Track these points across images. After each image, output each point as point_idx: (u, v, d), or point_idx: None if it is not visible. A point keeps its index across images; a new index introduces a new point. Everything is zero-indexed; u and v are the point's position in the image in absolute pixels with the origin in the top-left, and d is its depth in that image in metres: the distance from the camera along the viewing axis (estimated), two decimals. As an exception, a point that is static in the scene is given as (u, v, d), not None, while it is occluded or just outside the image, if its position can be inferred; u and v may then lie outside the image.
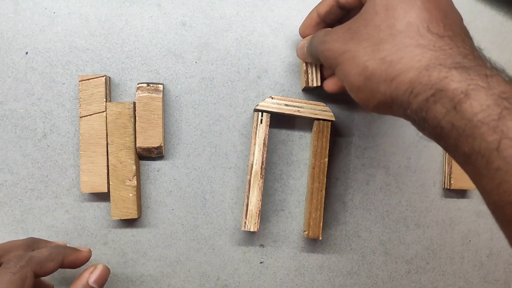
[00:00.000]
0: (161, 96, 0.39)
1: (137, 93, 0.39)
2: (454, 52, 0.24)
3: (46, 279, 0.38)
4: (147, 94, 0.39)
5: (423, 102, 0.23)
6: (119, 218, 0.39)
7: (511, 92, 0.21)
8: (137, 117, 0.39)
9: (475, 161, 0.21)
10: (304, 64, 0.39)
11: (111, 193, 0.39)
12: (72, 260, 0.34)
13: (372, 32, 0.26)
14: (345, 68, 0.28)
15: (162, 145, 0.39)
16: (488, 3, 0.45)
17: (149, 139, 0.39)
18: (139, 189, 0.40)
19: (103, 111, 0.39)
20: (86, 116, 0.39)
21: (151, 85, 0.39)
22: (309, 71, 0.39)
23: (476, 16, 0.44)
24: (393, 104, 0.25)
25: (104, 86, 0.39)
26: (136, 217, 0.39)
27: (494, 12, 0.45)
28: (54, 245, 0.35)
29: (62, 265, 0.33)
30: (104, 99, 0.39)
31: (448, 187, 0.43)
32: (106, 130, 0.39)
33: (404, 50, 0.24)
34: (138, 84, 0.39)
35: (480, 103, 0.21)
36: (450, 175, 0.42)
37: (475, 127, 0.21)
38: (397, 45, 0.25)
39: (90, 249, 0.36)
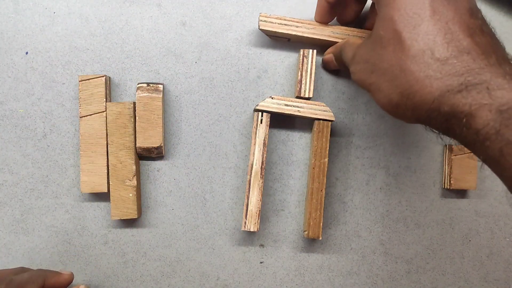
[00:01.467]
0: (161, 96, 0.39)
1: (137, 93, 0.39)
2: (459, 72, 0.25)
3: None
4: (147, 94, 0.39)
5: (442, 124, 0.27)
6: (119, 218, 0.39)
7: (509, 103, 0.24)
8: (137, 117, 0.39)
9: (490, 165, 0.26)
10: (299, 73, 0.39)
11: (111, 193, 0.39)
12: (52, 283, 0.35)
13: (386, 67, 0.28)
14: (374, 96, 0.30)
15: (162, 145, 0.39)
16: (488, 3, 0.45)
17: (149, 139, 0.39)
18: (139, 189, 0.40)
19: (103, 111, 0.39)
20: (86, 116, 0.39)
21: (151, 85, 0.39)
22: (303, 81, 0.39)
23: (476, 16, 0.44)
24: (420, 122, 0.29)
25: (104, 86, 0.39)
26: (136, 217, 0.39)
27: (494, 12, 0.45)
28: (35, 270, 0.35)
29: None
30: (104, 99, 0.39)
31: (448, 187, 0.43)
32: (106, 130, 0.39)
33: (416, 84, 0.27)
34: (138, 84, 0.39)
35: (482, 120, 0.24)
36: (450, 175, 0.42)
37: (483, 141, 0.24)
38: (409, 81, 0.27)
39: (72, 273, 0.37)
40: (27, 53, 0.40)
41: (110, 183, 0.39)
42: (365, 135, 0.43)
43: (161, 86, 0.39)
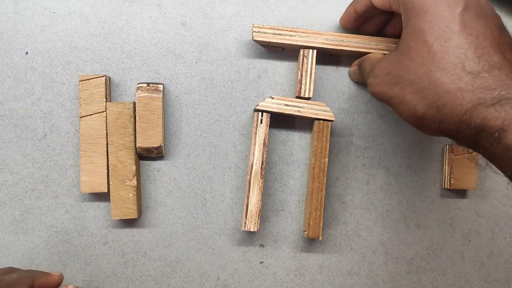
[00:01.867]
0: (161, 96, 0.39)
1: (137, 93, 0.39)
2: (492, 86, 0.25)
3: None
4: (147, 94, 0.39)
5: (471, 137, 0.26)
6: (119, 218, 0.39)
7: None
8: (137, 117, 0.39)
9: None
10: (299, 73, 0.39)
11: (111, 193, 0.39)
12: (41, 284, 0.34)
13: (413, 79, 0.28)
14: (396, 109, 0.30)
15: (162, 145, 0.39)
16: (488, 3, 0.44)
17: (149, 139, 0.39)
18: (139, 189, 0.40)
19: (103, 111, 0.39)
20: (86, 116, 0.39)
21: (151, 85, 0.39)
22: (303, 82, 0.39)
23: (476, 16, 0.44)
24: (445, 135, 0.28)
25: (104, 86, 0.39)
26: (136, 217, 0.39)
27: (494, 12, 0.45)
28: (24, 270, 0.35)
29: None
30: (104, 99, 0.39)
31: (448, 187, 0.43)
32: (106, 130, 0.39)
33: (446, 96, 0.26)
34: (138, 84, 0.39)
35: None
36: (450, 175, 0.42)
37: None
38: (438, 92, 0.27)
39: (61, 274, 0.37)
40: (27, 53, 0.40)
41: (110, 183, 0.39)
42: (365, 135, 0.43)
43: (161, 86, 0.39)
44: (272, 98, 0.39)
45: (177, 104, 0.41)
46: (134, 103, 0.39)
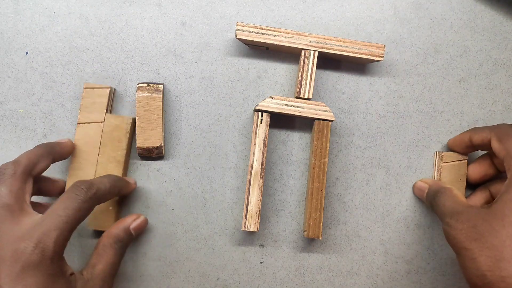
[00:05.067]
0: (161, 96, 0.39)
1: (137, 93, 0.39)
2: None
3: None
4: (147, 94, 0.39)
5: None
6: (95, 229, 0.39)
7: None
8: (137, 117, 0.39)
9: None
10: (299, 74, 0.39)
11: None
12: (123, 193, 0.37)
13: (496, 244, 0.27)
14: (463, 262, 0.29)
15: (162, 145, 0.39)
16: (488, 3, 0.45)
17: (149, 139, 0.39)
18: (118, 204, 0.40)
19: (101, 122, 0.39)
20: (84, 123, 0.39)
21: (151, 85, 0.39)
22: (303, 82, 0.39)
23: (476, 16, 0.44)
24: None
25: (107, 97, 0.39)
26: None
27: (494, 12, 0.45)
28: (110, 176, 0.36)
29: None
30: (105, 110, 0.39)
31: None
32: (101, 140, 0.39)
33: None
34: (138, 84, 0.39)
35: None
36: None
37: None
38: None
39: (135, 181, 0.40)
40: (27, 53, 0.40)
41: None
42: (365, 135, 0.43)
43: (161, 86, 0.39)
44: (272, 98, 0.39)
45: (177, 104, 0.41)
46: (134, 119, 0.39)
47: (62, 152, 0.36)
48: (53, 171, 0.40)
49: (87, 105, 0.39)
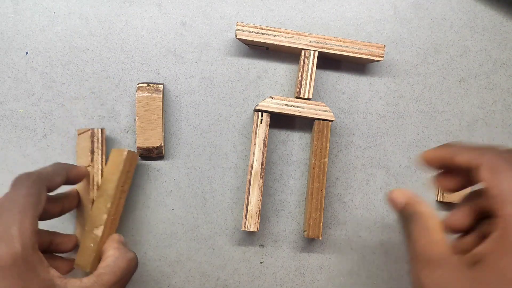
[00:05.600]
0: (161, 96, 0.39)
1: (137, 93, 0.39)
2: None
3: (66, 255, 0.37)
4: (147, 94, 0.39)
5: None
6: (75, 267, 0.35)
7: None
8: (137, 117, 0.39)
9: None
10: (299, 74, 0.39)
11: (81, 238, 0.36)
12: (74, 174, 0.35)
13: None
14: None
15: (162, 145, 0.39)
16: (488, 3, 0.45)
17: (149, 139, 0.39)
18: (103, 242, 0.35)
19: (89, 165, 0.38)
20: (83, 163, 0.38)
21: (151, 85, 0.39)
22: (303, 82, 0.39)
23: (476, 16, 0.44)
24: None
25: (89, 140, 0.38)
26: (88, 271, 0.34)
27: (494, 12, 0.45)
28: (53, 163, 0.34)
29: (67, 180, 0.33)
30: (89, 153, 0.38)
31: (441, 200, 0.43)
32: (93, 182, 0.37)
33: None
34: (138, 84, 0.39)
35: None
36: None
37: None
38: None
39: (86, 168, 0.37)
40: (27, 53, 0.40)
41: (85, 227, 0.36)
42: (365, 135, 0.43)
43: (161, 86, 0.39)
44: (272, 98, 0.39)
45: (177, 104, 0.41)
46: (133, 153, 0.37)
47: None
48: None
49: (79, 150, 0.39)
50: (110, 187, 0.36)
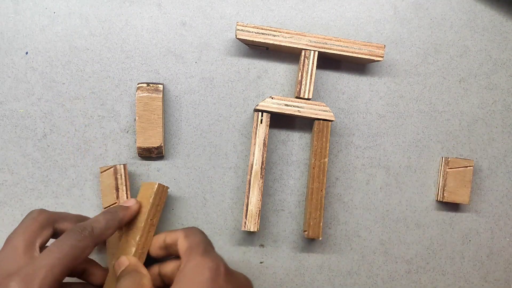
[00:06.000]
0: (161, 96, 0.39)
1: (137, 93, 0.39)
2: None
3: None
4: (147, 94, 0.39)
5: None
6: None
7: None
8: (137, 117, 0.39)
9: None
10: (299, 74, 0.39)
11: (110, 269, 0.36)
12: (126, 221, 0.35)
13: None
14: None
15: (162, 145, 0.39)
16: (488, 3, 0.45)
17: (149, 139, 0.39)
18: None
19: (114, 203, 0.38)
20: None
21: (151, 85, 0.39)
22: (303, 82, 0.39)
23: (476, 16, 0.44)
24: None
25: (113, 177, 0.38)
26: None
27: (494, 12, 0.45)
28: (106, 212, 0.34)
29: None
30: (114, 190, 0.38)
31: (441, 200, 0.43)
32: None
33: None
34: (138, 84, 0.39)
35: None
36: (444, 188, 0.42)
37: None
38: None
39: (137, 201, 0.36)
40: (27, 53, 0.40)
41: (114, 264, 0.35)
42: (365, 135, 0.43)
43: (161, 86, 0.39)
44: (272, 98, 0.39)
45: (177, 104, 0.41)
46: (163, 186, 0.37)
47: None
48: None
49: (104, 189, 0.39)
50: (139, 220, 0.36)
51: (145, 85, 0.39)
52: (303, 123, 0.42)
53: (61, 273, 0.28)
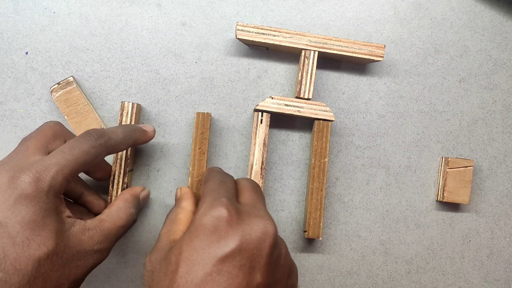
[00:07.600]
0: (75, 86, 0.39)
1: (52, 95, 0.39)
2: None
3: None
4: (62, 91, 0.39)
5: None
6: None
7: None
8: (66, 117, 0.39)
9: None
10: (299, 74, 0.39)
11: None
12: (139, 143, 0.36)
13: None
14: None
15: (103, 127, 0.39)
16: (488, 3, 0.45)
17: (89, 126, 0.39)
18: None
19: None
20: None
21: (61, 82, 0.39)
22: (303, 82, 0.39)
23: (476, 16, 0.44)
24: None
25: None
26: None
27: (494, 12, 0.45)
28: (125, 126, 0.35)
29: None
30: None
31: (441, 200, 0.43)
32: None
33: None
34: (50, 88, 0.39)
35: None
36: (444, 188, 0.42)
37: None
38: None
39: (154, 129, 0.37)
40: (27, 53, 0.40)
41: None
42: (365, 135, 0.43)
43: (71, 78, 0.39)
44: (272, 98, 0.39)
45: (177, 104, 0.41)
46: (203, 114, 0.38)
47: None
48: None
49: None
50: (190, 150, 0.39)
51: (56, 85, 0.39)
52: (303, 123, 0.42)
53: (70, 173, 0.29)
